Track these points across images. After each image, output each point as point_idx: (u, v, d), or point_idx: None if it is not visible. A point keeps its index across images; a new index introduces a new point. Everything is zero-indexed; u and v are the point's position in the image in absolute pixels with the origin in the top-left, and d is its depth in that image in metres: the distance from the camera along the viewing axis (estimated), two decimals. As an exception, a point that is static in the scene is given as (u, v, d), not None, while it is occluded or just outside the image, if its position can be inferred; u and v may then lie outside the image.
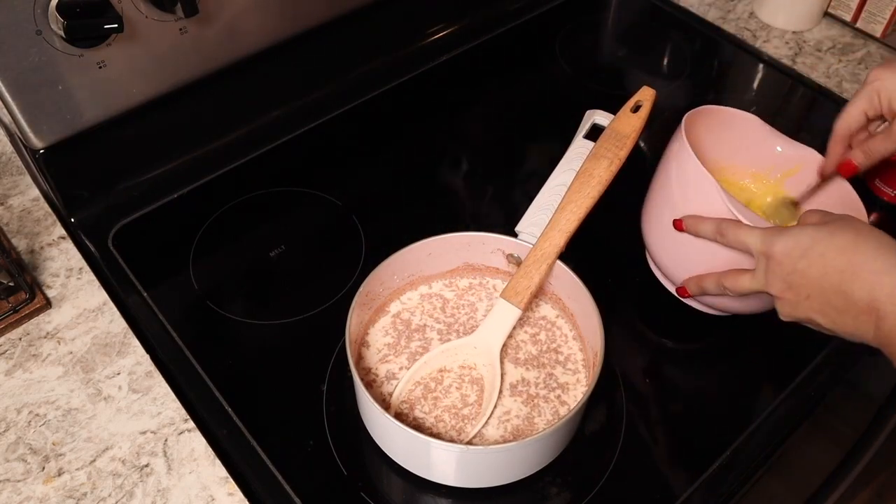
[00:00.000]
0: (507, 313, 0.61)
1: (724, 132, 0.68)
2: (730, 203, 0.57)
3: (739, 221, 0.56)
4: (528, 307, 0.61)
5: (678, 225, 0.61)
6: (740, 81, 0.94)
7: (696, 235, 0.60)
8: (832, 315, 0.50)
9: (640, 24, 1.01)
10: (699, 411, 0.63)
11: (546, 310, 0.65)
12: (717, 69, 0.95)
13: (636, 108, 0.64)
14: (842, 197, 0.64)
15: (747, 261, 0.56)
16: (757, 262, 0.54)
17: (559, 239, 0.60)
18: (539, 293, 0.65)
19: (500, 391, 0.60)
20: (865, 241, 0.49)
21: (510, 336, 0.63)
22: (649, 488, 0.59)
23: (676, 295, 0.65)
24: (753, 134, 0.68)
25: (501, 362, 0.61)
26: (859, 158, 0.62)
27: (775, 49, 0.95)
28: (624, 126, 0.63)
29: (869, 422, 0.69)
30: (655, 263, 0.68)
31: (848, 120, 0.63)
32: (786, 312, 0.53)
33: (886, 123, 0.63)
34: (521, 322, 0.64)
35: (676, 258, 0.64)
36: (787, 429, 0.62)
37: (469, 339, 0.61)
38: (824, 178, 0.66)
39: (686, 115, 0.64)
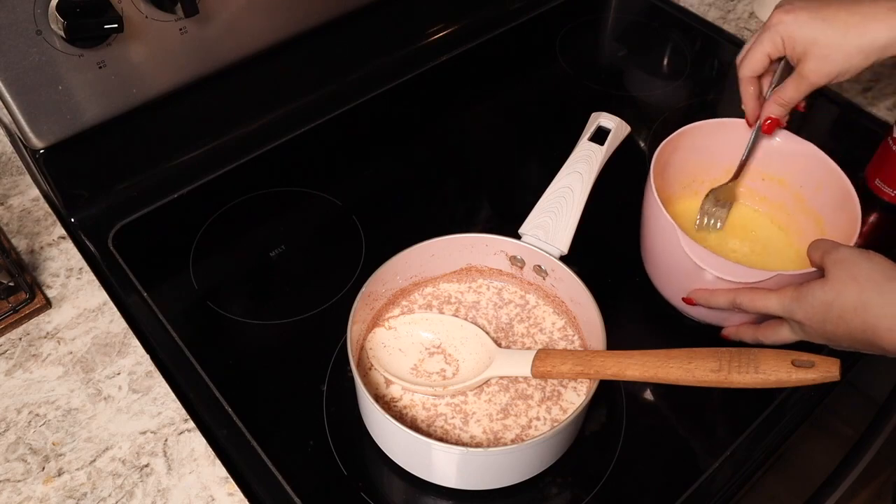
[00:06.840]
0: (518, 367, 0.59)
1: (718, 142, 0.69)
2: (690, 250, 0.58)
3: (752, 289, 0.57)
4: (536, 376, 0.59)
5: (689, 301, 0.62)
6: (740, 81, 0.94)
7: (710, 307, 0.61)
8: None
9: (640, 24, 1.01)
10: (699, 411, 0.63)
11: (548, 312, 0.65)
12: (717, 69, 0.95)
13: None
14: (840, 190, 0.64)
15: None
16: (789, 321, 0.57)
17: (611, 371, 0.54)
18: (542, 296, 0.65)
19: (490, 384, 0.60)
20: (870, 295, 0.51)
21: (510, 333, 0.63)
22: (649, 488, 0.59)
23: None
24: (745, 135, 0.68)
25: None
26: (776, 111, 0.65)
27: (775, 49, 0.95)
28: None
29: (869, 422, 0.69)
30: (654, 282, 0.68)
31: (752, 64, 0.64)
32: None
33: (783, 63, 0.64)
34: (521, 321, 0.65)
35: (673, 283, 0.65)
36: (787, 429, 0.62)
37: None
38: (753, 128, 0.67)
39: (658, 148, 0.64)
